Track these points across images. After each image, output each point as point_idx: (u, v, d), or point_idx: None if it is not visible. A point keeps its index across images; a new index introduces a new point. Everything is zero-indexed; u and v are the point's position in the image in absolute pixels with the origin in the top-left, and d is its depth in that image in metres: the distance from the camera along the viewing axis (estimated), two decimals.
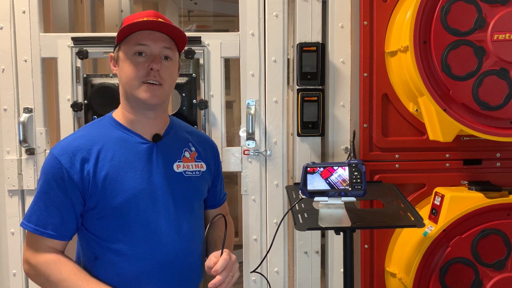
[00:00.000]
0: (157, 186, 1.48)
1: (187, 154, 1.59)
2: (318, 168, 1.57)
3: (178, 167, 1.55)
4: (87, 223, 1.46)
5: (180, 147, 1.59)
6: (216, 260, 1.41)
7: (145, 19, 1.44)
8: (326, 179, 1.57)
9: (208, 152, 1.68)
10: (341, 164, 1.58)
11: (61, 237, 1.43)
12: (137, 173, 1.46)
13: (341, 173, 1.57)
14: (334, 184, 1.57)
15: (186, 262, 1.51)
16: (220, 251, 1.43)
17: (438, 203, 1.92)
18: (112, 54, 1.54)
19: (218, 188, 1.74)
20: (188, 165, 1.58)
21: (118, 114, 1.54)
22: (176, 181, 1.53)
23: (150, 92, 1.45)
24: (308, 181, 1.57)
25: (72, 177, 1.40)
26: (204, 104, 2.19)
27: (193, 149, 1.62)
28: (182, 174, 1.55)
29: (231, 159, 2.21)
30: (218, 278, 1.38)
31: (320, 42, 2.15)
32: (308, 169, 1.57)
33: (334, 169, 1.57)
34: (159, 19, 1.46)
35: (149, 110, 1.50)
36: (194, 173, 1.58)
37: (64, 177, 1.40)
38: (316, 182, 1.57)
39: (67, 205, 1.42)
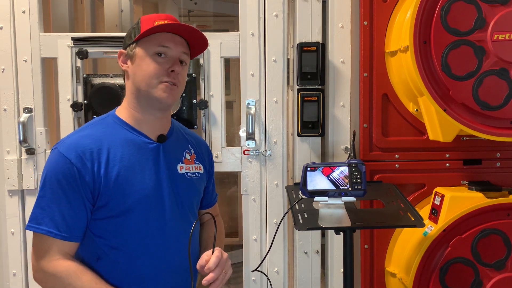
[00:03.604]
0: (164, 187, 1.49)
1: (187, 156, 1.60)
2: (319, 167, 1.58)
3: (181, 168, 1.56)
4: (92, 224, 1.44)
5: (181, 148, 1.60)
6: (208, 258, 1.41)
7: (166, 22, 1.46)
8: (328, 176, 1.57)
9: (204, 154, 1.69)
10: (341, 164, 1.58)
11: (73, 238, 1.40)
12: (146, 174, 1.46)
13: (343, 170, 1.57)
14: (336, 180, 1.57)
15: (188, 261, 1.51)
16: (211, 250, 1.43)
17: (438, 203, 1.92)
18: (123, 50, 1.52)
19: (211, 189, 1.75)
20: (189, 166, 1.59)
21: (123, 113, 1.52)
22: (180, 182, 1.54)
23: (168, 92, 1.45)
24: (308, 179, 1.57)
25: (83, 177, 1.38)
26: (204, 104, 2.19)
27: (192, 151, 1.63)
28: (185, 176, 1.56)
29: (231, 159, 2.21)
30: (211, 275, 1.38)
31: (320, 42, 2.15)
32: (309, 168, 1.58)
33: (335, 166, 1.57)
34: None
35: (159, 110, 1.50)
36: (194, 174, 1.60)
37: (76, 176, 1.38)
38: (317, 180, 1.57)
39: (79, 205, 1.39)
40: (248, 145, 2.13)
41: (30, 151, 2.16)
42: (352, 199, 1.58)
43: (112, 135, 1.47)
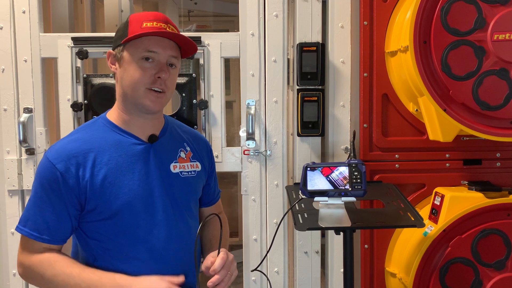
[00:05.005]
0: (155, 187, 1.48)
1: (182, 154, 1.58)
2: (319, 167, 1.57)
3: (175, 167, 1.54)
4: (85, 226, 1.45)
5: (175, 147, 1.58)
6: (213, 259, 1.41)
7: (154, 24, 1.42)
8: (327, 177, 1.57)
9: (203, 151, 1.67)
10: (341, 165, 1.58)
11: (56, 241, 1.43)
12: (135, 176, 1.45)
13: (342, 171, 1.57)
14: (335, 181, 1.57)
15: (185, 262, 1.51)
16: (217, 251, 1.43)
17: (438, 203, 1.92)
18: (112, 51, 1.51)
19: (212, 186, 1.73)
20: (184, 165, 1.57)
21: (113, 115, 1.52)
22: (173, 182, 1.52)
23: (154, 100, 1.44)
24: (308, 178, 1.57)
25: (67, 181, 1.39)
26: (204, 104, 2.19)
27: (188, 149, 1.61)
28: (179, 175, 1.54)
29: (231, 159, 2.21)
30: (216, 276, 1.38)
31: (320, 42, 2.15)
32: (309, 168, 1.58)
33: (335, 166, 1.57)
34: (168, 25, 1.45)
35: (147, 114, 1.49)
36: (190, 173, 1.57)
37: (59, 181, 1.39)
38: (316, 180, 1.57)
39: (62, 210, 1.41)
40: (248, 145, 2.13)
41: (30, 151, 2.17)
42: (352, 199, 1.58)
43: (101, 138, 1.46)
